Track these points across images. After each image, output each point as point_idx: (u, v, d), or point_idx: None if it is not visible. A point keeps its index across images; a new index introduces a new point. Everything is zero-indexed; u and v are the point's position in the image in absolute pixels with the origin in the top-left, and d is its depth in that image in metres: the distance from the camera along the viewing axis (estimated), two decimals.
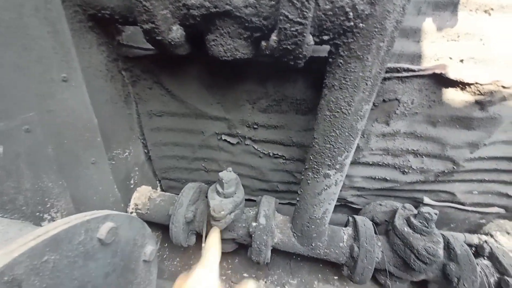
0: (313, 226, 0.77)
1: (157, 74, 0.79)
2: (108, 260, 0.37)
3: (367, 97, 0.54)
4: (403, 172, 0.82)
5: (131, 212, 0.91)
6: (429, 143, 0.73)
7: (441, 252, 0.69)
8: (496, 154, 0.73)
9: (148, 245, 0.47)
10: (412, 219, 0.74)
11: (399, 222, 0.77)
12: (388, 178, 0.85)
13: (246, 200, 0.90)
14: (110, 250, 0.38)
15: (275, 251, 0.99)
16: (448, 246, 0.77)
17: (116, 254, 0.39)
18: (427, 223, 0.72)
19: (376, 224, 0.90)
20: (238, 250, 0.99)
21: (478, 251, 0.86)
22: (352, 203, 0.99)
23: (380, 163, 0.82)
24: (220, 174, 0.80)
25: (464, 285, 0.71)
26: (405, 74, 0.61)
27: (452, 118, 0.67)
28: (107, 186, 0.73)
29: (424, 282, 0.82)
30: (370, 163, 0.82)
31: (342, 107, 0.56)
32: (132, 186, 0.90)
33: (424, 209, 0.71)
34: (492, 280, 0.75)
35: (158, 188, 1.04)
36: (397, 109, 0.68)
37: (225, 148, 0.88)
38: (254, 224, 0.82)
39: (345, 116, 0.56)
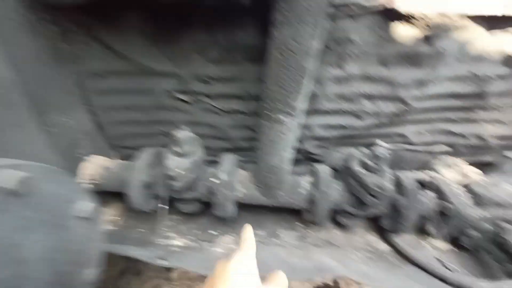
0: (271, 176, 0.78)
1: (92, 28, 0.70)
2: (28, 213, 0.34)
3: (315, 32, 0.51)
4: (359, 117, 0.84)
5: (87, 183, 0.86)
6: (381, 84, 0.74)
7: (389, 186, 0.73)
8: (441, 91, 0.76)
9: (79, 200, 0.44)
10: (365, 159, 0.78)
11: (353, 163, 0.80)
12: (345, 125, 0.86)
13: (211, 162, 0.89)
14: (28, 203, 0.34)
15: (242, 207, 1.01)
16: (398, 182, 0.83)
17: (39, 209, 0.35)
18: (378, 162, 0.75)
19: (336, 170, 0.94)
20: (205, 210, 0.99)
21: (425, 185, 0.94)
22: (315, 154, 1.01)
23: (337, 110, 0.82)
24: (175, 132, 0.77)
25: (410, 215, 0.78)
26: (356, 11, 0.59)
27: (402, 56, 0.67)
28: (45, 153, 0.66)
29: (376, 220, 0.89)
30: (328, 110, 0.82)
31: (289, 45, 0.53)
32: (80, 156, 0.84)
33: (376, 149, 0.75)
34: (435, 207, 0.83)
35: (116, 158, 0.98)
36: (350, 50, 0.67)
37: (180, 107, 0.84)
38: (215, 180, 0.81)
39: (293, 55, 0.54)
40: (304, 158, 1.04)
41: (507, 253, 0.77)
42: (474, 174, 0.91)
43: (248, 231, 0.62)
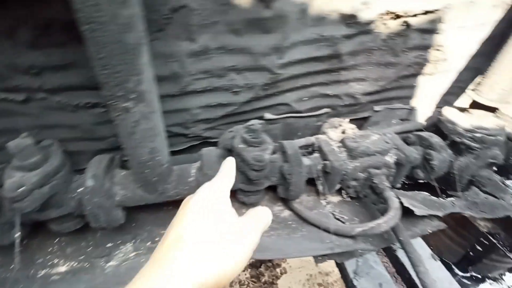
0: (147, 171, 0.70)
1: None
2: None
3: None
4: (235, 93, 0.81)
5: None
6: (241, 55, 0.72)
7: (267, 156, 0.74)
8: (301, 56, 0.78)
9: None
10: (244, 134, 0.76)
11: (236, 141, 0.78)
12: (224, 103, 0.83)
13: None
14: None
15: (141, 208, 0.92)
16: (282, 151, 0.86)
17: None
18: (255, 134, 0.75)
19: (229, 151, 0.91)
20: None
21: (312, 148, 1.00)
22: (209, 137, 0.96)
23: (209, 88, 0.78)
24: (8, 144, 0.61)
25: (293, 178, 0.81)
26: None
27: (248, 22, 0.65)
28: None
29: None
30: (199, 90, 0.77)
31: (93, 17, 0.44)
32: None
33: (250, 122, 0.73)
34: (320, 167, 0.89)
35: None
36: (193, 19, 0.61)
37: (14, 109, 0.67)
38: (80, 189, 0.70)
39: (104, 28, 0.45)
40: (200, 143, 0.99)
41: (378, 195, 0.88)
42: (351, 130, 1.01)
43: (229, 161, 0.57)
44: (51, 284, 0.73)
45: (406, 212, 0.88)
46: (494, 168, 1.14)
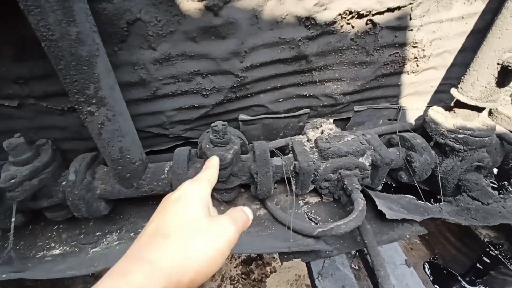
0: (120, 167, 0.78)
1: None
2: None
3: (64, 17, 0.51)
4: (204, 95, 0.86)
5: None
6: (203, 60, 0.76)
7: (230, 156, 0.78)
8: (264, 59, 0.80)
9: None
10: (210, 135, 0.81)
11: (204, 142, 0.83)
12: (196, 105, 0.88)
13: None
14: None
15: (127, 201, 1.01)
16: (253, 151, 0.89)
17: None
18: (219, 135, 0.79)
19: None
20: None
21: (288, 149, 1.01)
22: (190, 138, 1.02)
23: (180, 92, 0.83)
24: (3, 143, 0.73)
25: (260, 177, 0.83)
26: None
27: (202, 30, 0.69)
28: None
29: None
30: (170, 93, 0.83)
31: (44, 34, 0.52)
32: None
33: (213, 124, 0.78)
34: (291, 167, 0.90)
35: None
36: (149, 30, 0.68)
37: (12, 113, 0.79)
38: (63, 183, 0.80)
39: (57, 44, 0.53)
40: (184, 143, 1.06)
41: (348, 196, 0.87)
42: (328, 130, 1.00)
43: (212, 160, 0.60)
44: (42, 264, 0.84)
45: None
46: (495, 172, 1.06)
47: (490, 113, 1.03)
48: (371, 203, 0.92)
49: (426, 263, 1.55)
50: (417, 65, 0.93)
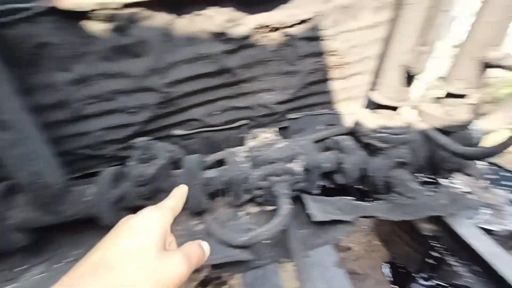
0: (35, 193, 0.75)
1: None
2: None
3: None
4: (132, 113, 0.86)
5: None
6: (122, 79, 0.77)
7: (149, 171, 0.77)
8: (188, 74, 0.82)
9: None
10: (134, 153, 0.80)
11: (129, 159, 0.82)
12: (124, 123, 0.88)
13: None
14: None
15: (54, 231, 0.94)
16: (181, 165, 0.88)
17: None
18: (142, 151, 0.79)
19: None
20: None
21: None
22: (128, 156, 1.00)
23: (104, 111, 0.83)
24: None
25: (192, 192, 0.83)
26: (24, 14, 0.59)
27: (114, 50, 0.71)
28: None
29: None
30: (95, 113, 0.83)
31: None
32: None
33: (133, 141, 0.77)
34: (224, 178, 0.90)
35: None
36: (61, 52, 0.68)
37: None
38: None
39: None
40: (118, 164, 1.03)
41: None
42: (264, 139, 1.03)
43: (180, 188, 0.59)
44: None
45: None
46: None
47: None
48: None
49: (385, 264, 1.57)
50: (342, 72, 0.99)
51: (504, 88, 3.00)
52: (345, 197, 1.06)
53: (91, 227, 0.97)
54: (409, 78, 0.81)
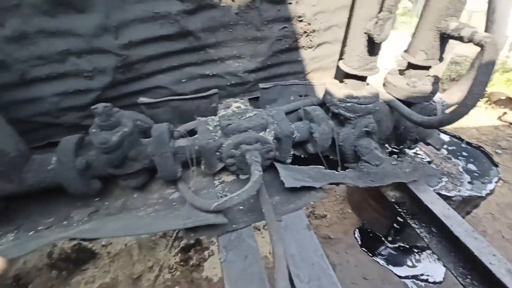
0: None
1: None
2: None
3: None
4: (87, 77, 0.80)
5: None
6: (69, 37, 0.71)
7: (115, 138, 0.74)
8: (144, 35, 0.77)
9: None
10: (96, 119, 0.76)
11: (91, 127, 0.78)
12: (82, 88, 0.83)
13: None
14: None
15: (23, 201, 0.91)
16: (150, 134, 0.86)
17: None
18: (103, 118, 0.75)
19: None
20: None
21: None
22: (85, 126, 0.95)
23: (56, 74, 0.77)
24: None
25: (157, 159, 0.82)
26: None
27: (53, 2, 0.64)
28: None
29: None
30: (44, 77, 0.76)
31: None
32: None
33: (93, 106, 0.73)
34: (195, 147, 0.89)
35: None
36: None
37: None
38: None
39: None
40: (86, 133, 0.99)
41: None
42: (235, 108, 1.01)
43: None
44: None
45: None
46: None
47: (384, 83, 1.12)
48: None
49: (356, 230, 1.67)
50: (311, 40, 0.97)
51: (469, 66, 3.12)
52: (316, 166, 1.09)
53: (62, 196, 0.94)
54: (375, 47, 0.81)
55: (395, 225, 1.46)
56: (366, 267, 1.52)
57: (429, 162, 1.30)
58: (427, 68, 0.97)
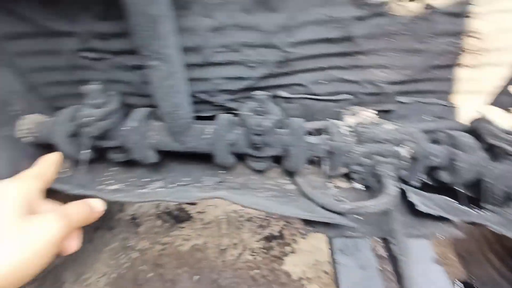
0: (170, 121, 0.89)
1: None
2: None
3: None
4: (251, 67, 0.92)
5: (26, 136, 1.00)
6: (253, 32, 0.82)
7: (267, 123, 0.83)
8: (312, 36, 0.82)
9: None
10: (249, 103, 0.87)
11: (243, 109, 0.90)
12: (242, 76, 0.95)
13: None
14: None
15: (171, 158, 1.12)
16: (289, 127, 0.92)
17: None
18: (260, 104, 0.85)
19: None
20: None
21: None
22: (231, 108, 1.10)
23: (228, 61, 0.91)
24: (84, 87, 0.89)
25: (293, 150, 0.88)
26: None
27: (255, 2, 0.75)
28: None
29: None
30: (219, 62, 0.91)
31: None
32: (15, 113, 0.97)
33: (254, 92, 0.84)
34: (325, 147, 0.92)
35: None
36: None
37: (92, 66, 0.95)
38: (123, 128, 0.93)
39: (131, 2, 0.63)
40: (225, 113, 1.14)
41: (380, 183, 0.86)
42: (368, 117, 0.99)
43: (48, 156, 0.58)
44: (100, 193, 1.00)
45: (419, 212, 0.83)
46: None
47: None
48: (401, 197, 0.90)
49: (459, 281, 1.42)
50: (477, 59, 0.87)
51: None
52: (443, 196, 0.98)
53: (202, 163, 1.12)
54: None
55: None
56: None
57: None
58: None
